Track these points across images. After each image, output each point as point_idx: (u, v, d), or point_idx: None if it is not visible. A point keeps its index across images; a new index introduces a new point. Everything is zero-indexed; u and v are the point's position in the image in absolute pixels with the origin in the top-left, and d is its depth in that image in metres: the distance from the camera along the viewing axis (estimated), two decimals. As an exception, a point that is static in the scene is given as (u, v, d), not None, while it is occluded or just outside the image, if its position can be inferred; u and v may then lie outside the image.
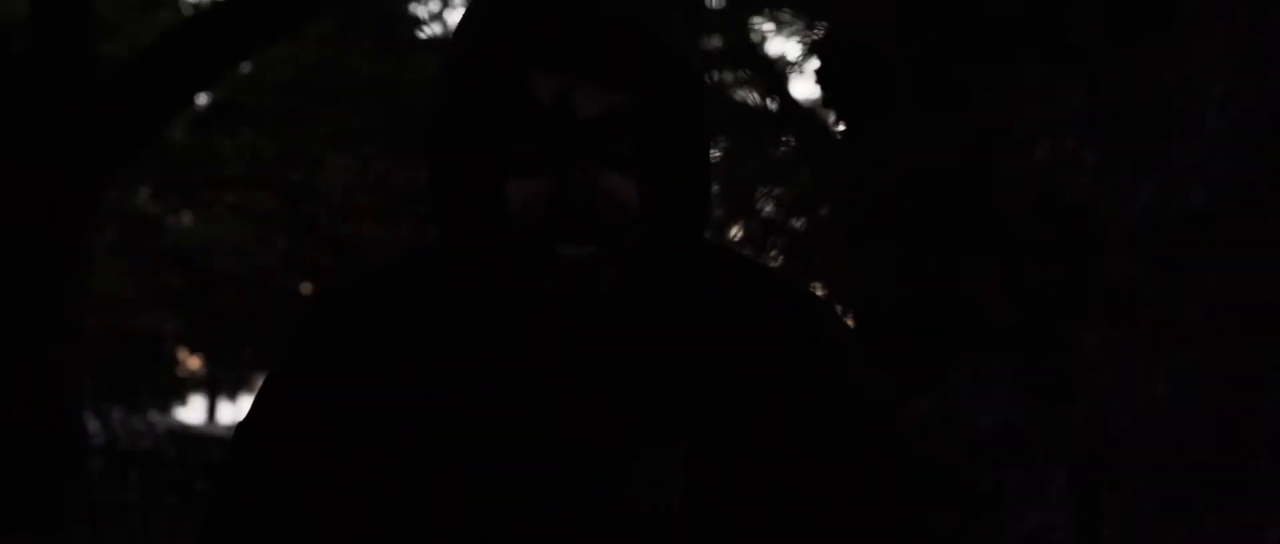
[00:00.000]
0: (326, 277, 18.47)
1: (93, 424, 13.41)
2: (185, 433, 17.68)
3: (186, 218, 21.19)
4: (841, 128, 1.77)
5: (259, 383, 1.40)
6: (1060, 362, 1.50)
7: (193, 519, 9.16)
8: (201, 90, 11.28)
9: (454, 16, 11.96)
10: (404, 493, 1.28)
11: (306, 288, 19.52)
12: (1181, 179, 1.51)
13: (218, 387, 29.71)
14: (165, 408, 25.97)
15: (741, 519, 1.29)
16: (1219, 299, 1.49)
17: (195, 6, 13.95)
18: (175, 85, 9.09)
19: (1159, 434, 1.48)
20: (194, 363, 27.63)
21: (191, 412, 31.30)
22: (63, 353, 8.77)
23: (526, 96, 1.23)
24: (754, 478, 1.30)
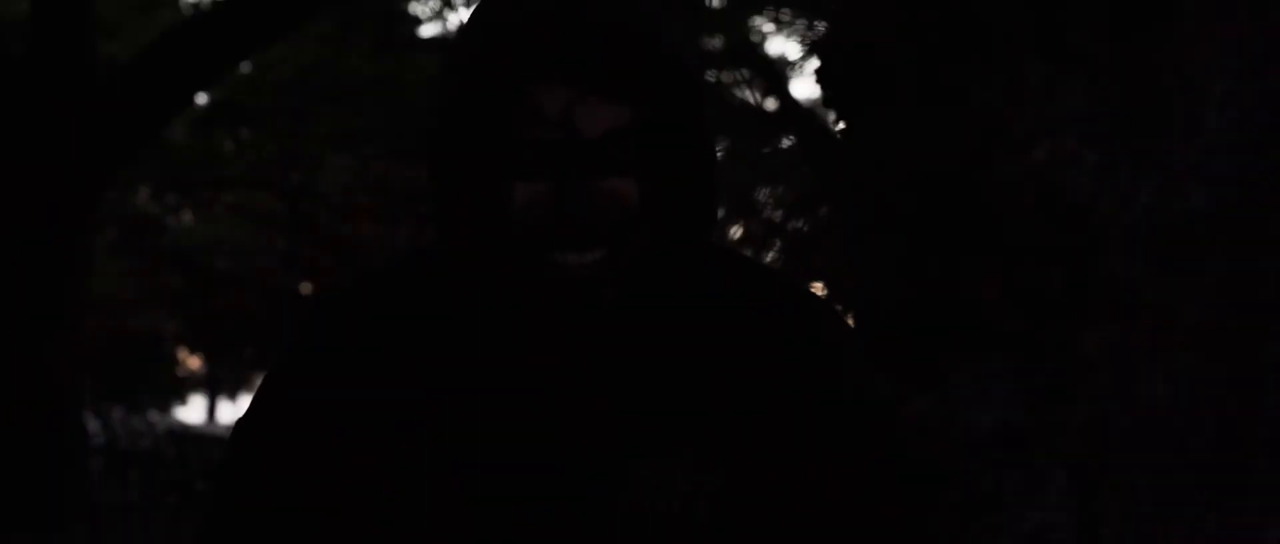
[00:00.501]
0: (326, 276, 18.47)
1: (93, 424, 13.40)
2: (185, 433, 17.68)
3: (186, 218, 21.20)
4: (841, 127, 1.77)
5: (258, 382, 1.40)
6: (1060, 362, 1.51)
7: (193, 519, 9.16)
8: (201, 90, 11.28)
9: (454, 17, 11.95)
10: (404, 494, 1.28)
11: (306, 288, 19.52)
12: (1181, 179, 1.51)
13: (218, 387, 29.70)
14: (165, 408, 25.96)
15: (742, 521, 1.29)
16: (1219, 299, 1.49)
17: (195, 6, 13.96)
18: (175, 85, 9.09)
19: (1159, 434, 1.48)
20: (194, 363, 27.62)
21: (191, 412, 31.30)
22: (63, 353, 8.77)
23: (530, 109, 1.23)
24: (755, 479, 1.30)
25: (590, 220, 1.24)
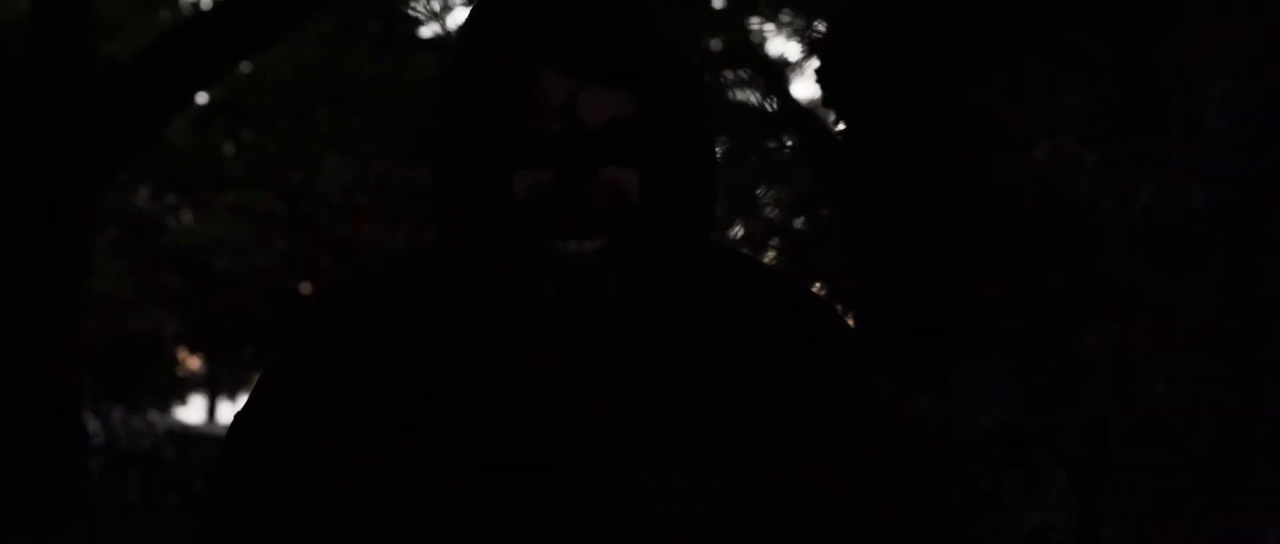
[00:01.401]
0: (326, 276, 18.47)
1: (93, 424, 13.40)
2: (185, 433, 17.68)
3: (186, 218, 21.20)
4: (841, 128, 1.77)
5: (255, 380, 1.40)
6: (1060, 362, 1.51)
7: (193, 519, 9.15)
8: (201, 90, 11.27)
9: (455, 17, 11.94)
10: (403, 494, 1.28)
11: (306, 288, 19.52)
12: (1181, 179, 1.51)
13: (218, 387, 29.69)
14: (165, 408, 25.94)
15: (742, 521, 1.29)
16: (1219, 299, 1.49)
17: (195, 6, 13.95)
18: (175, 85, 9.09)
19: (1159, 434, 1.48)
20: (194, 363, 27.61)
21: (191, 412, 31.28)
22: (63, 353, 8.77)
23: (532, 99, 1.24)
24: (755, 479, 1.30)
25: (591, 208, 1.24)
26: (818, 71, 1.77)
